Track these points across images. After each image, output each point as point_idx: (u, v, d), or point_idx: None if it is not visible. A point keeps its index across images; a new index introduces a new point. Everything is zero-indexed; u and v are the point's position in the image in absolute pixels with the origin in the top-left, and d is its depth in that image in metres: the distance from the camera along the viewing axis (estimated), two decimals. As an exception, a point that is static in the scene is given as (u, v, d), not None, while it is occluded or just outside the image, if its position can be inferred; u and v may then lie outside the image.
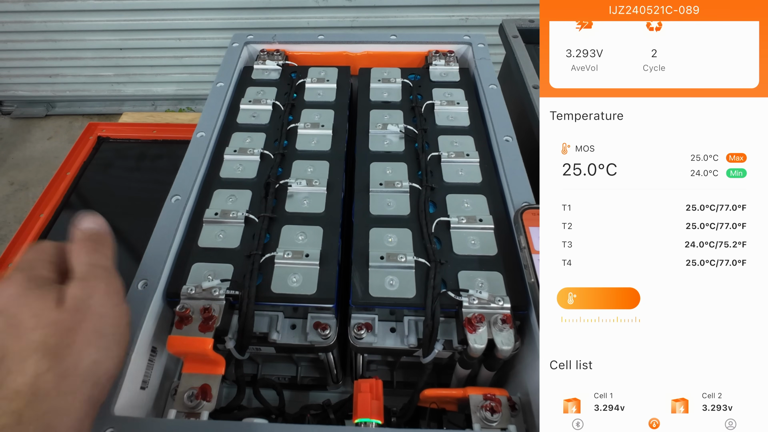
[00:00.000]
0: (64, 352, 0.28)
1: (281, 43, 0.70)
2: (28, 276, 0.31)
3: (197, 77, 2.07)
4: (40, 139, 2.11)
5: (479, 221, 0.47)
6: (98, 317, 0.31)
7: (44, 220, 0.82)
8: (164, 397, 0.43)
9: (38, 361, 0.27)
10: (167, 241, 0.45)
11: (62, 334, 0.29)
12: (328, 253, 0.45)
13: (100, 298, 0.31)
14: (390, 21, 1.83)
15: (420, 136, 0.56)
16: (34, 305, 0.29)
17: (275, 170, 0.52)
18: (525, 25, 0.83)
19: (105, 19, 1.88)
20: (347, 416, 0.46)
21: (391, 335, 0.43)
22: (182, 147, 0.55)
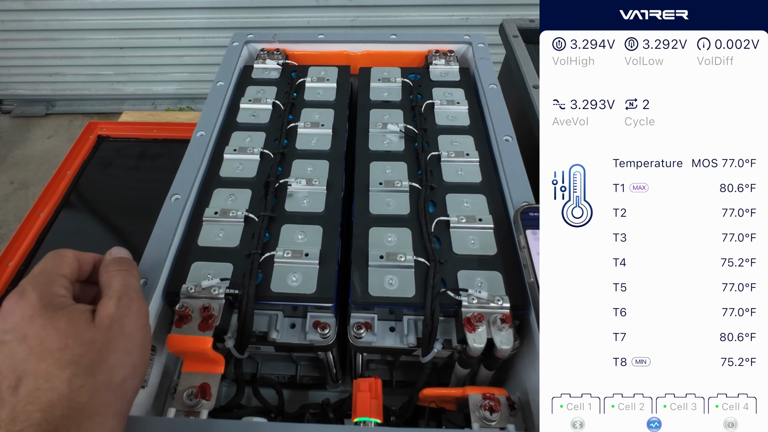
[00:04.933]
0: (98, 368, 0.29)
1: (281, 43, 0.70)
2: (42, 295, 0.30)
3: (197, 76, 2.07)
4: (40, 138, 2.11)
5: (479, 221, 0.47)
6: (128, 336, 0.32)
7: (44, 219, 0.82)
8: (164, 395, 0.43)
9: (72, 377, 0.28)
10: (167, 240, 0.45)
11: (97, 352, 0.30)
12: (328, 252, 0.45)
13: (132, 319, 0.32)
14: (390, 20, 1.83)
15: (420, 135, 0.56)
16: (61, 327, 0.29)
17: (275, 169, 0.52)
18: (525, 24, 0.83)
19: (105, 17, 1.88)
20: (346, 415, 0.46)
21: (390, 334, 0.43)
22: (182, 146, 0.55)
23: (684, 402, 0.30)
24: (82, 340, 0.29)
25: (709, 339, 0.30)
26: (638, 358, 0.31)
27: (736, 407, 0.30)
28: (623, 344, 0.31)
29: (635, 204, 0.31)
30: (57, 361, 0.28)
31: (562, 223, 0.31)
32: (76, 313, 0.30)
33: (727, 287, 0.30)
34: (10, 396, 0.27)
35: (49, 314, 0.30)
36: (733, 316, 0.30)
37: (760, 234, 0.30)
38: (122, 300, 0.32)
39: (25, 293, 0.30)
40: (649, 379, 0.31)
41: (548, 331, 0.31)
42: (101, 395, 0.29)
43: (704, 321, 0.31)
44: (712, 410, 0.30)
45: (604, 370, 0.31)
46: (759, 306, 0.30)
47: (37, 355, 0.28)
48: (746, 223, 0.30)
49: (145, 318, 0.34)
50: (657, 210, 0.31)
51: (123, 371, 0.30)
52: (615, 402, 0.30)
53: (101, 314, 0.31)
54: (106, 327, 0.30)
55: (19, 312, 0.30)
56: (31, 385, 0.28)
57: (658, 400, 0.30)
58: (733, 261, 0.30)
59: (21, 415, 0.27)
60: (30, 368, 0.28)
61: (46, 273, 0.32)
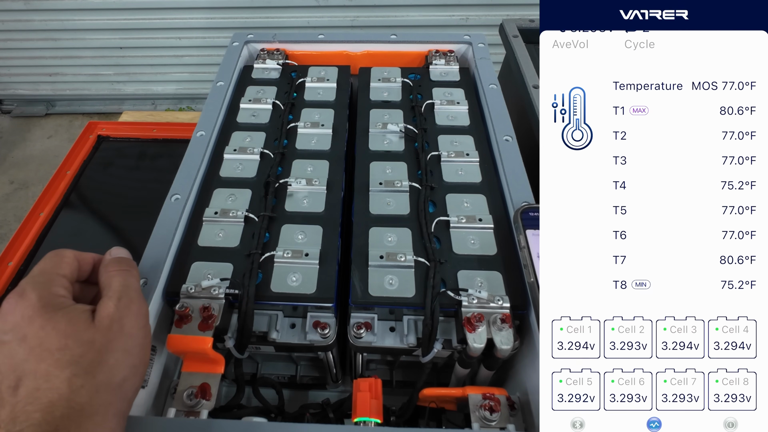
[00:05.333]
0: (98, 368, 0.29)
1: (281, 43, 0.70)
2: (42, 295, 0.30)
3: (197, 76, 2.07)
4: (40, 138, 2.11)
5: (479, 221, 0.47)
6: (128, 336, 0.32)
7: (44, 219, 0.82)
8: (164, 395, 0.43)
9: (71, 378, 0.28)
10: (167, 240, 0.45)
11: (97, 352, 0.30)
12: (328, 252, 0.45)
13: (132, 319, 0.32)
14: (390, 20, 1.83)
15: (420, 135, 0.56)
16: (61, 327, 0.29)
17: (275, 169, 0.52)
18: (525, 24, 0.83)
19: (105, 17, 1.88)
20: (346, 415, 0.46)
21: (390, 334, 0.43)
22: (182, 146, 0.55)
23: (684, 325, 0.30)
24: (81, 341, 0.29)
25: (709, 262, 0.30)
26: (638, 280, 0.30)
27: (736, 330, 0.30)
28: (623, 267, 0.30)
29: (635, 127, 0.31)
30: (57, 362, 0.28)
31: (562, 146, 0.31)
32: (75, 314, 0.30)
33: (727, 210, 0.30)
34: (10, 396, 0.27)
35: (49, 314, 0.30)
36: (733, 239, 0.30)
37: (760, 156, 0.30)
38: (122, 300, 0.32)
39: (25, 293, 0.30)
40: (649, 301, 0.30)
41: (548, 254, 0.31)
42: (101, 395, 0.29)
43: (704, 244, 0.30)
44: (711, 333, 0.30)
45: (604, 293, 0.30)
46: (759, 229, 0.30)
47: (37, 355, 0.28)
48: (746, 145, 0.30)
49: (145, 318, 0.34)
50: (657, 133, 0.30)
51: (123, 371, 0.30)
52: (615, 325, 0.30)
53: (101, 314, 0.31)
54: (105, 327, 0.30)
55: (19, 312, 0.30)
56: (30, 386, 0.28)
57: (658, 323, 0.30)
58: (733, 184, 0.30)
59: (21, 415, 0.27)
60: (30, 368, 0.28)
61: (46, 273, 0.32)
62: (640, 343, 0.30)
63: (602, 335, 0.30)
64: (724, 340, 0.30)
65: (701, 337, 0.30)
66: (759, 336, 0.30)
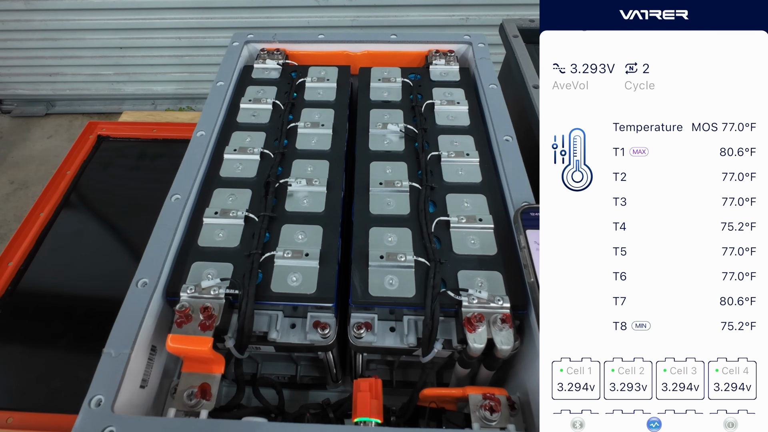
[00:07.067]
0: None
1: (281, 43, 0.70)
2: None
3: (197, 76, 2.07)
4: (40, 138, 2.11)
5: (479, 221, 0.47)
6: None
7: (44, 219, 0.82)
8: (164, 395, 0.43)
9: None
10: (167, 240, 0.45)
11: None
12: (328, 252, 0.45)
13: None
14: (390, 20, 1.83)
15: (420, 135, 0.56)
16: None
17: (275, 169, 0.52)
18: (525, 24, 0.83)
19: (105, 17, 1.87)
20: (346, 415, 0.46)
21: (390, 334, 0.43)
22: (182, 146, 0.55)
23: (684, 366, 0.30)
24: None
25: (709, 303, 0.30)
26: (638, 322, 0.30)
27: (736, 371, 0.30)
28: (623, 308, 0.30)
29: (635, 168, 0.31)
30: None
31: (562, 187, 0.31)
32: None
33: (727, 251, 0.30)
34: None
35: None
36: (733, 280, 0.30)
37: (760, 198, 0.30)
38: None
39: None
40: (649, 343, 0.30)
41: (548, 295, 0.31)
42: None
43: (704, 285, 0.30)
44: (712, 374, 0.30)
45: (604, 334, 0.30)
46: (759, 270, 0.30)
47: None
48: (746, 187, 0.30)
49: None
50: (657, 174, 0.31)
51: None
52: (615, 366, 0.30)
53: None
54: None
55: None
56: None
57: (658, 364, 0.30)
58: (733, 225, 0.30)
59: None
60: None
61: None
62: (641, 385, 0.30)
63: (602, 376, 0.30)
64: (724, 381, 0.30)
65: (701, 379, 0.30)
66: (759, 377, 0.30)
